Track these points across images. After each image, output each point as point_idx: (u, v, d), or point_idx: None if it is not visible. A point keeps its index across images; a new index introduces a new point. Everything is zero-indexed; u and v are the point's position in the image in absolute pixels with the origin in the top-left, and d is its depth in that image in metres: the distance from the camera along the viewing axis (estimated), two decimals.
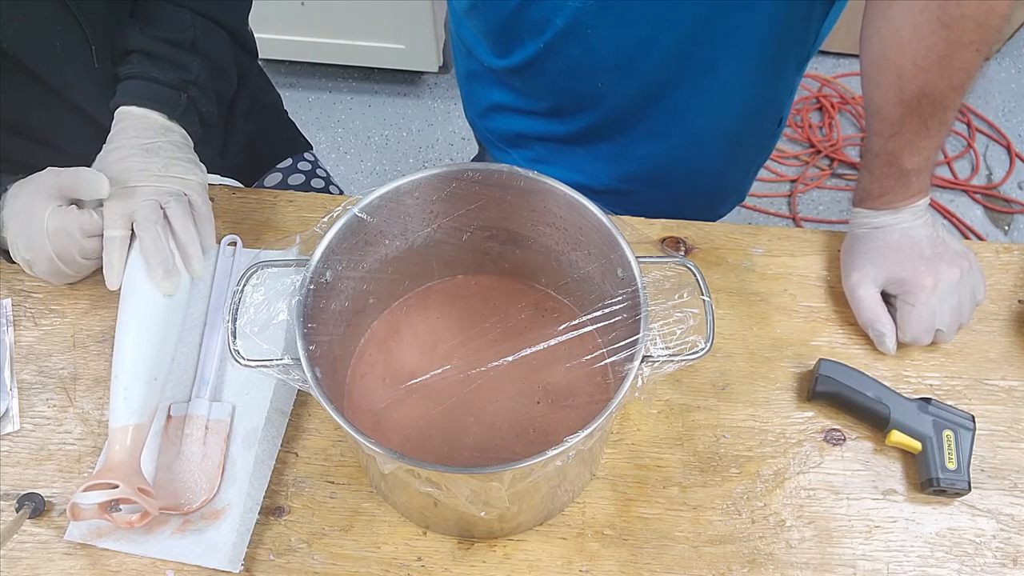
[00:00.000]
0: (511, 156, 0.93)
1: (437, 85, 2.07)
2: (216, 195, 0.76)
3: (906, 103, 0.61)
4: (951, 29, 0.57)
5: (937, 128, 0.62)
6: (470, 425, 0.59)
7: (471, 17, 0.82)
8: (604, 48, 0.73)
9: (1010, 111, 2.01)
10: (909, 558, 0.58)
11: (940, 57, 0.58)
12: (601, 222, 0.54)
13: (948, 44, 0.58)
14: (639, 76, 0.75)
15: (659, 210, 0.76)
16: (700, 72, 0.74)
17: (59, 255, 0.63)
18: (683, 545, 0.59)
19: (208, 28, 0.74)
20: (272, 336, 0.55)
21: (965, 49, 0.58)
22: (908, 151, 0.63)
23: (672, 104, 0.78)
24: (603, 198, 0.89)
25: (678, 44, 0.71)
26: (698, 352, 0.50)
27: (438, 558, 0.58)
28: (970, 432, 0.61)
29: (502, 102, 0.88)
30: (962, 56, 0.58)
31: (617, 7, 0.69)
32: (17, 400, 0.64)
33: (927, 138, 0.63)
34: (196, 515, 0.58)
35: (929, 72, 0.59)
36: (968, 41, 0.57)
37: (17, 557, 0.58)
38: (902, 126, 0.63)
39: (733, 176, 0.94)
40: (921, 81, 0.60)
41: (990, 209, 1.85)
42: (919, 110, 0.61)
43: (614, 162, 0.87)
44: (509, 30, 0.78)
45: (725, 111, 0.80)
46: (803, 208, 1.88)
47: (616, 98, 0.78)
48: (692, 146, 0.83)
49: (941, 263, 0.65)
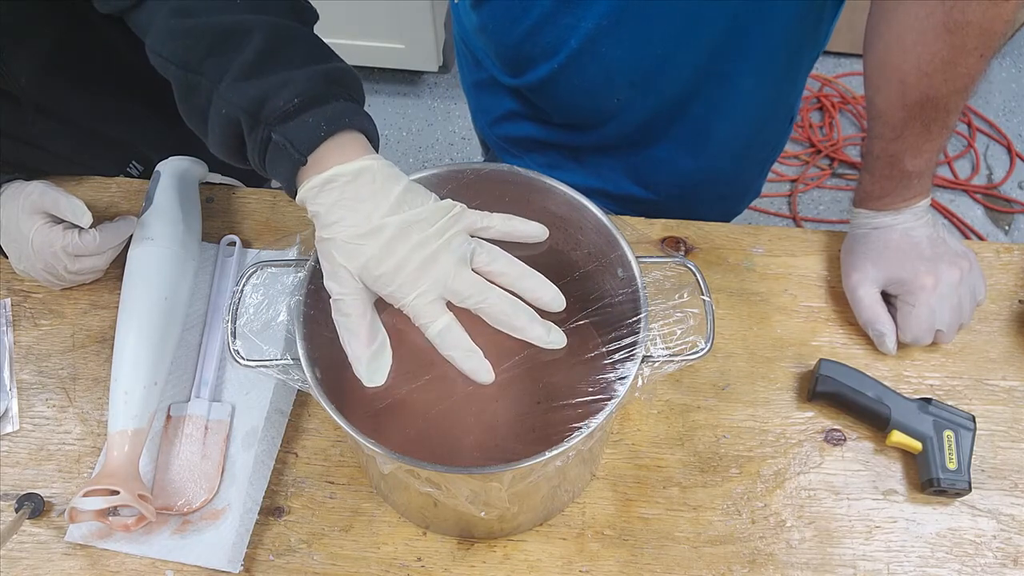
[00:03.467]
0: (525, 161, 0.92)
1: (437, 85, 2.07)
2: (216, 195, 0.76)
3: (909, 107, 0.61)
4: (956, 35, 0.56)
5: (939, 131, 0.62)
6: (470, 425, 0.59)
7: (480, 35, 0.81)
8: (620, 66, 0.72)
9: (1011, 111, 2.01)
10: (909, 558, 0.58)
11: (944, 63, 0.58)
12: (601, 222, 0.54)
13: (952, 50, 0.57)
14: (656, 91, 0.75)
15: (676, 213, 0.76)
16: (718, 83, 0.73)
17: (47, 269, 0.64)
18: (683, 545, 0.58)
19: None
20: (272, 336, 0.54)
21: (969, 55, 0.57)
22: (910, 154, 0.63)
23: (689, 115, 0.77)
24: (620, 203, 0.89)
25: (696, 59, 0.70)
26: (698, 352, 0.50)
27: (438, 558, 0.58)
28: (970, 432, 0.61)
29: (515, 110, 0.87)
30: (966, 62, 0.58)
31: (633, 26, 0.68)
32: (17, 400, 0.64)
33: (929, 141, 0.63)
34: (196, 515, 0.58)
35: (933, 77, 0.59)
36: (973, 47, 0.57)
37: (17, 557, 0.58)
38: (904, 130, 0.62)
39: (749, 175, 0.93)
40: (924, 86, 0.59)
41: (990, 209, 1.85)
42: (922, 114, 0.61)
43: (631, 169, 0.86)
44: (522, 51, 0.77)
45: (742, 117, 0.79)
46: (803, 208, 1.88)
47: (633, 113, 0.78)
48: (710, 152, 0.83)
49: (941, 263, 0.65)
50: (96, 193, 0.76)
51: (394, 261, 0.44)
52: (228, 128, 0.48)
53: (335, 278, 0.46)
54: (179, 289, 0.64)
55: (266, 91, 0.46)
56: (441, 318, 0.44)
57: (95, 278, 0.69)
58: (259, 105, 0.46)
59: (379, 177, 0.46)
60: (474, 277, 0.45)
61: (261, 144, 0.47)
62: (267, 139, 0.46)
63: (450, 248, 0.45)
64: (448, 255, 0.45)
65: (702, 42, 0.69)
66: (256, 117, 0.46)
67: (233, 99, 0.47)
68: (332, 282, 0.46)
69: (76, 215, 0.61)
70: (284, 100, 0.46)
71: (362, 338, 0.46)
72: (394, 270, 0.44)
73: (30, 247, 0.62)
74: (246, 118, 0.46)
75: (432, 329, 0.44)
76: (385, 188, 0.46)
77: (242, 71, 0.47)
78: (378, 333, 0.47)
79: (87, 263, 0.65)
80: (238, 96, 0.46)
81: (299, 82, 0.47)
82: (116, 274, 0.67)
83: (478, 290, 0.45)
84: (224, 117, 0.47)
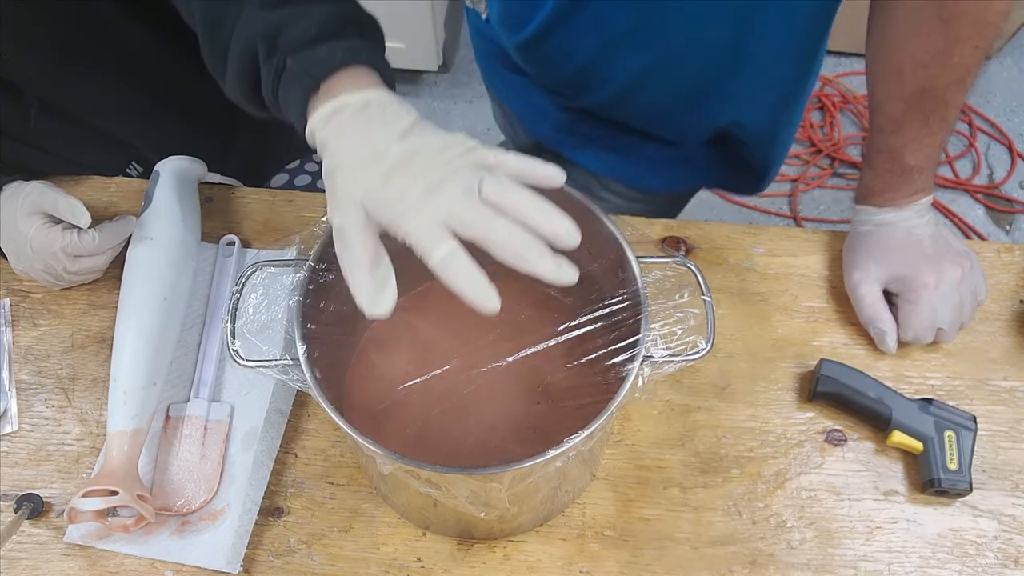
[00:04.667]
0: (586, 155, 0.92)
1: (437, 84, 2.07)
2: (215, 195, 0.76)
3: (907, 99, 0.62)
4: (950, 25, 0.57)
5: (939, 125, 0.63)
6: (470, 426, 0.59)
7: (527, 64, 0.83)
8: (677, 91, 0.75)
9: (1012, 110, 2.01)
10: (910, 559, 0.58)
11: (939, 53, 0.59)
12: (601, 222, 0.54)
13: (947, 40, 0.58)
14: (709, 111, 0.77)
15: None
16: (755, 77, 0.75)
17: (46, 270, 0.64)
18: (684, 546, 0.58)
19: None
20: (271, 336, 0.54)
21: (964, 45, 0.58)
22: (910, 148, 0.64)
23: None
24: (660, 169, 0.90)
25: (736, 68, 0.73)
26: (699, 352, 0.50)
27: (438, 559, 0.58)
28: (971, 432, 0.60)
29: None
30: (961, 52, 0.58)
31: (675, 61, 0.71)
32: (16, 400, 0.64)
33: (929, 135, 0.63)
34: (195, 516, 0.58)
35: (929, 68, 0.60)
36: (967, 37, 0.58)
37: (16, 558, 0.57)
38: (904, 122, 0.63)
39: (783, 134, 0.91)
40: (921, 77, 0.60)
41: (992, 209, 1.85)
42: (920, 106, 0.62)
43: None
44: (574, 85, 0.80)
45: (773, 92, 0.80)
46: (804, 208, 1.88)
47: (684, 121, 0.80)
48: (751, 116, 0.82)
49: (943, 261, 0.65)
50: (95, 193, 0.76)
51: (397, 187, 0.42)
52: (245, 59, 0.48)
53: (337, 206, 0.44)
54: (178, 289, 0.64)
55: (286, 19, 0.46)
56: (445, 244, 0.41)
57: (94, 278, 0.69)
58: (277, 31, 0.46)
59: (389, 108, 0.45)
60: (482, 206, 0.42)
61: (276, 72, 0.47)
62: (282, 66, 0.46)
63: (457, 177, 0.42)
64: (454, 183, 0.42)
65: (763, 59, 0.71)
66: (274, 44, 0.46)
67: (253, 26, 0.47)
68: (334, 211, 0.45)
69: (74, 215, 0.61)
70: (303, 29, 0.46)
71: (364, 266, 0.43)
72: (397, 196, 0.42)
73: (29, 247, 0.62)
74: (263, 45, 0.46)
75: (435, 255, 0.41)
76: (395, 118, 0.45)
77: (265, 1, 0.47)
78: (381, 262, 0.44)
79: (86, 263, 0.65)
80: (259, 23, 0.47)
81: (320, 15, 0.47)
82: (115, 274, 0.67)
83: (486, 218, 0.41)
84: (242, 45, 0.47)
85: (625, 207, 0.92)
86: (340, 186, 0.44)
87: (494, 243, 0.41)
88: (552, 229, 0.41)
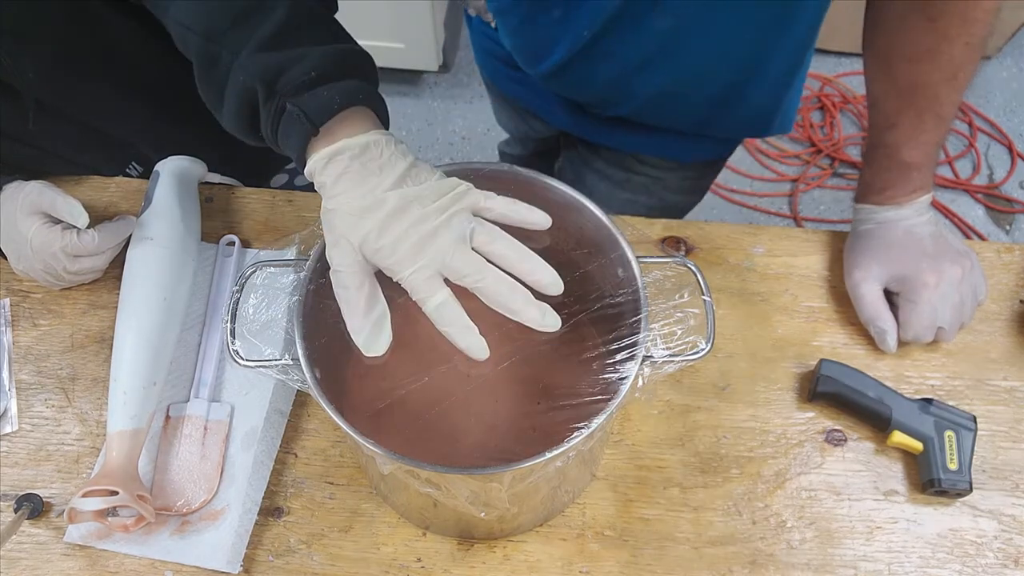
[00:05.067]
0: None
1: (437, 84, 2.07)
2: (215, 195, 0.76)
3: (900, 95, 0.63)
4: (937, 23, 0.58)
5: (934, 122, 0.63)
6: (470, 425, 0.59)
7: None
8: (702, 99, 0.78)
9: (1011, 110, 2.01)
10: (910, 559, 0.58)
11: (928, 50, 0.60)
12: (601, 222, 0.54)
13: (935, 37, 0.59)
14: (734, 108, 0.79)
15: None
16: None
17: (46, 270, 0.64)
18: (684, 546, 0.58)
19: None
20: (271, 336, 0.54)
21: (953, 43, 0.59)
22: (907, 144, 0.64)
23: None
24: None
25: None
26: (699, 352, 0.50)
27: (438, 559, 0.58)
28: (971, 432, 0.60)
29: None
30: (950, 50, 0.59)
31: (700, 77, 0.73)
32: (16, 400, 0.64)
33: (924, 132, 0.64)
34: (195, 516, 0.58)
35: (920, 64, 0.61)
36: (955, 35, 0.58)
37: (16, 558, 0.57)
38: (899, 118, 0.64)
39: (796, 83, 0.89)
40: (913, 73, 0.61)
41: (992, 209, 1.85)
42: (914, 102, 0.62)
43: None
44: (596, 103, 0.82)
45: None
46: (804, 208, 1.88)
47: (710, 116, 0.82)
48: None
49: (944, 261, 0.65)
50: (95, 193, 0.76)
51: (393, 235, 0.44)
52: (243, 99, 0.48)
53: (336, 249, 0.46)
54: (178, 289, 0.64)
55: (284, 63, 0.47)
56: (439, 293, 0.44)
57: (94, 278, 0.69)
58: (276, 75, 0.47)
59: (386, 152, 0.47)
60: (473, 255, 0.45)
61: (275, 114, 0.47)
62: (281, 109, 0.47)
63: (450, 225, 0.45)
64: (448, 232, 0.45)
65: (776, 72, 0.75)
66: (272, 87, 0.47)
67: (251, 68, 0.47)
68: (333, 252, 0.47)
69: (73, 216, 0.61)
70: (301, 72, 0.47)
71: (360, 309, 0.46)
72: (392, 244, 0.44)
73: (29, 247, 0.62)
74: (262, 88, 0.47)
75: (429, 304, 0.44)
76: (391, 163, 0.46)
77: (263, 43, 0.47)
78: (377, 304, 0.47)
79: (86, 263, 0.65)
80: (257, 66, 0.47)
81: (317, 57, 0.47)
82: (115, 274, 0.67)
83: (476, 268, 0.44)
84: (241, 87, 0.48)
85: (664, 177, 0.93)
86: (338, 229, 0.46)
87: (483, 292, 0.44)
88: (535, 279, 0.46)
